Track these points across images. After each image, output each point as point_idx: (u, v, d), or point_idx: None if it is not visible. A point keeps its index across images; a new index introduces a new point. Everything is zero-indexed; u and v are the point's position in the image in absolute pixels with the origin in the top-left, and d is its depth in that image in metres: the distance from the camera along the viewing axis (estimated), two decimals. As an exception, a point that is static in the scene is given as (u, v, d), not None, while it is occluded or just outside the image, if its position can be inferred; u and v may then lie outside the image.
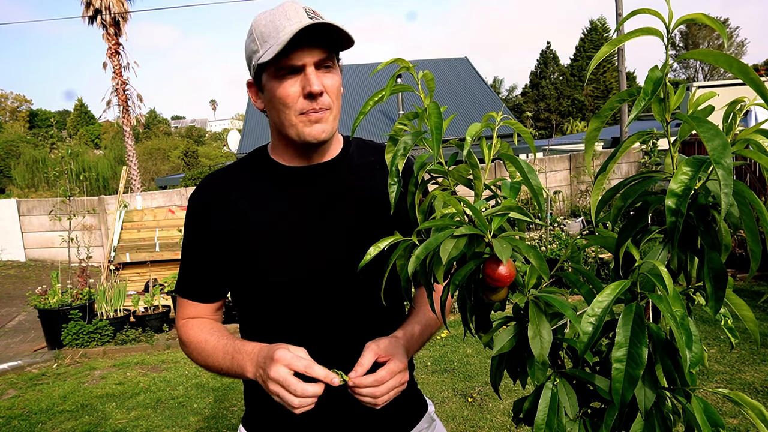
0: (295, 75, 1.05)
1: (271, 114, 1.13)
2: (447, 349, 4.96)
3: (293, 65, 1.04)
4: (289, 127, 1.09)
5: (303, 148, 1.14)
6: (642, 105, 0.63)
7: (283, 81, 1.05)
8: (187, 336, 1.20)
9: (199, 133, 54.29)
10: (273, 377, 0.99)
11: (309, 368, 1.00)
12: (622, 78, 11.12)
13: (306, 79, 1.04)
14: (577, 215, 10.68)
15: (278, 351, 1.01)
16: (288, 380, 0.98)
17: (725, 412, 3.29)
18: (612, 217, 0.74)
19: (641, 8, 0.67)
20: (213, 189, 1.18)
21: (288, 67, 1.04)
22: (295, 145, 1.14)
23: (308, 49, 1.03)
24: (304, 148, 1.14)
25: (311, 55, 1.04)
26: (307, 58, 1.04)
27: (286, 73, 1.05)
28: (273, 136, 1.20)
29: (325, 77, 1.07)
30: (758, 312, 5.05)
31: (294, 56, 1.03)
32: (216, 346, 1.14)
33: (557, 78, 46.17)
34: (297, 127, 1.08)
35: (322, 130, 1.09)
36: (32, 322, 7.28)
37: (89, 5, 18.53)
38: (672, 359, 0.67)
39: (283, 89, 1.05)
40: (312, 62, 1.04)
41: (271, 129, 1.19)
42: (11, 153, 32.08)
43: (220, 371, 1.14)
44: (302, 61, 1.03)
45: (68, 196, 6.86)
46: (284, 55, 1.02)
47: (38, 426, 4.07)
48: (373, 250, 0.87)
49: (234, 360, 1.10)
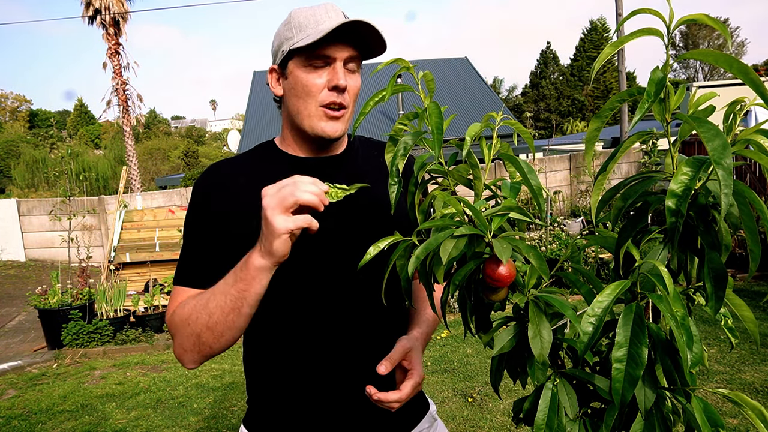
0: (323, 68, 1.09)
1: (290, 101, 1.14)
2: (447, 349, 4.96)
3: (326, 56, 1.08)
4: (305, 117, 1.11)
5: (314, 141, 1.16)
6: (645, 107, 0.63)
7: (312, 71, 1.09)
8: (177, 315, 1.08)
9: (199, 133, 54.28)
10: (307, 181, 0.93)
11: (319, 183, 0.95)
12: (622, 78, 11.13)
13: (334, 72, 1.09)
14: (577, 215, 10.68)
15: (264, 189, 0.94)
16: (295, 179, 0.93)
17: (725, 412, 3.29)
18: (612, 217, 0.74)
19: (642, 8, 0.67)
20: (220, 172, 1.18)
21: (320, 56, 1.08)
22: (306, 137, 1.15)
23: (342, 45, 1.08)
24: (315, 141, 1.16)
25: (343, 51, 1.09)
26: (339, 53, 1.08)
27: (317, 63, 1.09)
28: (284, 127, 1.21)
29: (349, 77, 1.11)
30: (758, 312, 5.05)
31: (328, 48, 1.07)
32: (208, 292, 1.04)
33: (557, 78, 46.18)
34: (314, 119, 1.11)
35: (336, 128, 1.12)
36: (32, 322, 7.29)
37: (89, 5, 18.53)
38: (672, 359, 0.67)
39: (310, 78, 1.09)
40: (343, 57, 1.09)
41: (283, 119, 1.20)
42: (11, 153, 32.08)
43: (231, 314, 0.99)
44: (334, 54, 1.08)
45: (68, 196, 6.87)
46: (319, 45, 1.06)
47: (38, 426, 4.07)
48: (373, 250, 0.87)
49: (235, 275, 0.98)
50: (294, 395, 1.17)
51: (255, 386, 1.24)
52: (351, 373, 1.14)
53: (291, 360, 1.15)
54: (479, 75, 20.66)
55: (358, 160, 1.24)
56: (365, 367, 1.11)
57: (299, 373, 1.16)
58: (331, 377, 1.15)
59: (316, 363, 1.15)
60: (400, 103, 14.81)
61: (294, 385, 1.17)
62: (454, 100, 18.01)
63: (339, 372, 1.15)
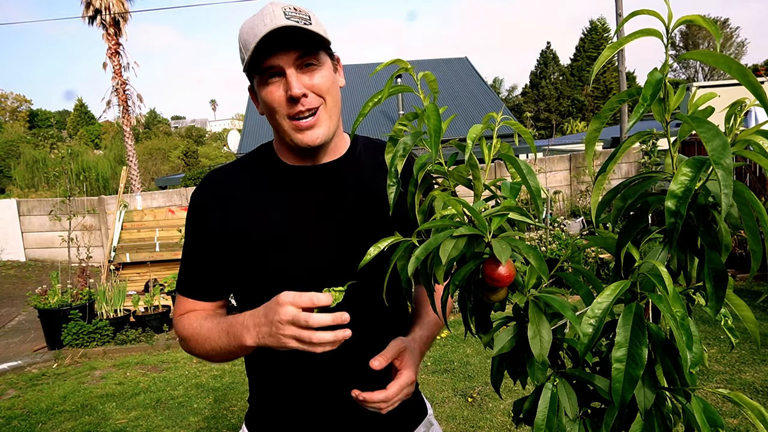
0: (278, 78, 1.05)
1: (267, 118, 1.13)
2: (447, 349, 4.96)
3: (272, 68, 1.03)
4: (283, 132, 1.09)
5: (303, 152, 1.14)
6: (641, 111, 0.64)
7: (268, 86, 1.05)
8: (183, 328, 1.18)
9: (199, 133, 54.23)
10: (283, 319, 0.94)
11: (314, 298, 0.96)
12: (622, 78, 11.12)
13: (286, 82, 1.03)
14: (577, 215, 10.68)
15: (280, 295, 0.97)
16: (298, 316, 0.93)
17: (725, 412, 3.29)
18: (612, 217, 0.74)
19: (641, 9, 0.67)
20: (215, 187, 1.17)
21: (267, 71, 1.04)
22: (295, 149, 1.14)
23: (283, 51, 1.02)
24: (303, 152, 1.14)
25: (288, 55, 1.02)
26: (284, 60, 1.02)
27: (269, 77, 1.05)
28: (275, 137, 1.20)
29: (309, 76, 1.05)
30: (758, 312, 5.05)
31: (270, 59, 1.02)
32: (211, 328, 1.12)
33: (557, 78, 46.16)
34: (289, 133, 1.08)
35: (316, 136, 1.08)
36: (32, 322, 7.28)
37: (89, 5, 18.52)
38: (672, 359, 0.67)
39: (268, 94, 1.05)
40: (291, 63, 1.03)
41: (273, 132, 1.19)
42: (11, 153, 32.07)
43: (221, 353, 1.10)
44: (278, 63, 1.02)
45: (68, 196, 6.86)
46: (260, 61, 1.02)
47: (38, 426, 4.07)
48: (373, 251, 0.87)
49: (229, 335, 1.06)
50: (294, 396, 1.17)
51: (257, 386, 1.24)
52: (351, 374, 1.14)
53: (292, 361, 1.15)
54: (479, 75, 20.65)
55: (360, 163, 1.22)
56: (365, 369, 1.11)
57: (300, 374, 1.16)
58: (331, 378, 1.15)
59: (316, 364, 1.15)
60: (401, 103, 14.81)
61: (294, 386, 1.17)
62: (454, 101, 18.01)
63: (339, 373, 1.15)
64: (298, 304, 0.94)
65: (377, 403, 1.06)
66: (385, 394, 1.05)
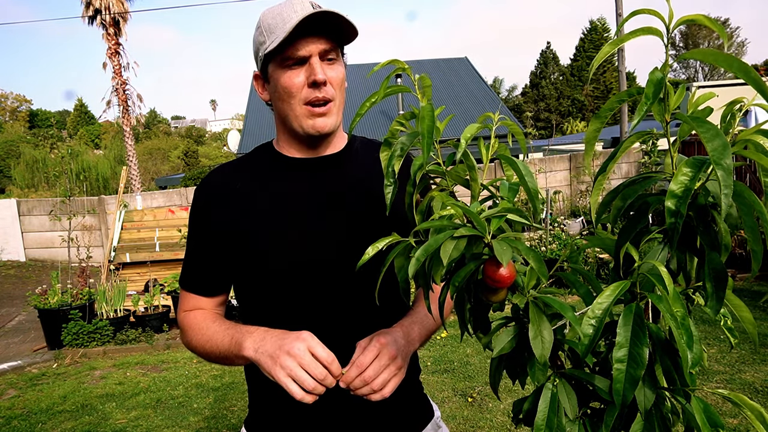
0: (300, 66, 1.08)
1: (276, 105, 1.14)
2: (447, 349, 4.95)
3: (298, 54, 1.06)
4: (293, 119, 1.11)
5: (307, 140, 1.16)
6: (644, 109, 0.63)
7: (289, 71, 1.08)
8: (188, 323, 1.20)
9: (199, 133, 54.22)
10: (292, 352, 0.96)
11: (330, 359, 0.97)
12: (622, 78, 11.12)
13: (311, 68, 1.07)
14: (577, 215, 10.67)
15: (306, 333, 1.00)
16: (305, 357, 0.96)
17: (725, 412, 3.29)
18: (612, 218, 0.74)
19: (641, 8, 0.66)
20: (217, 182, 1.19)
21: (293, 56, 1.07)
22: (299, 137, 1.15)
23: (313, 38, 1.06)
24: (308, 140, 1.16)
25: (316, 44, 1.07)
26: (312, 48, 1.07)
27: (292, 63, 1.07)
28: (278, 129, 1.21)
29: (328, 69, 1.09)
30: (758, 312, 5.05)
31: (299, 45, 1.06)
32: (217, 329, 1.14)
33: (557, 78, 46.15)
34: (300, 118, 1.11)
35: (325, 123, 1.11)
36: (32, 322, 7.28)
37: (89, 5, 18.52)
38: (672, 359, 0.67)
39: (288, 78, 1.08)
40: (317, 52, 1.07)
41: (276, 122, 1.20)
42: (11, 153, 32.06)
43: (219, 355, 1.12)
44: (307, 50, 1.06)
45: (68, 196, 6.86)
46: (289, 44, 1.05)
47: (38, 426, 4.07)
48: (371, 250, 0.87)
49: (233, 338, 1.08)
50: (293, 402, 1.17)
51: (255, 389, 1.24)
52: None
53: None
54: (479, 75, 20.65)
55: (357, 159, 1.24)
56: None
57: None
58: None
59: None
60: (400, 102, 14.82)
61: None
62: (454, 100, 18.02)
63: None
64: (314, 351, 0.97)
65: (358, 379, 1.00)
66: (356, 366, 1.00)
